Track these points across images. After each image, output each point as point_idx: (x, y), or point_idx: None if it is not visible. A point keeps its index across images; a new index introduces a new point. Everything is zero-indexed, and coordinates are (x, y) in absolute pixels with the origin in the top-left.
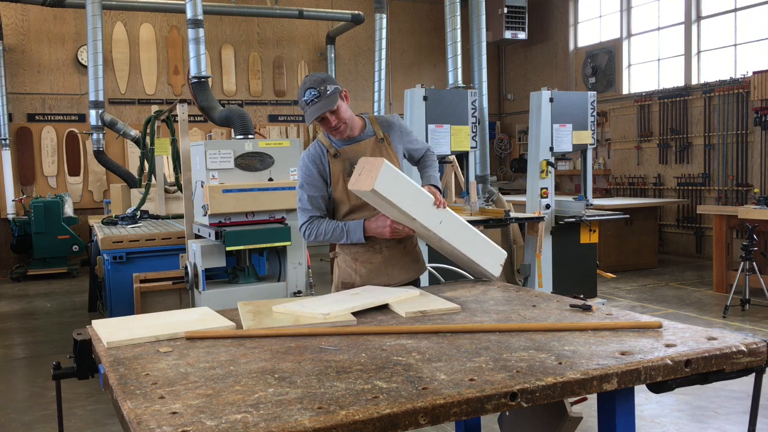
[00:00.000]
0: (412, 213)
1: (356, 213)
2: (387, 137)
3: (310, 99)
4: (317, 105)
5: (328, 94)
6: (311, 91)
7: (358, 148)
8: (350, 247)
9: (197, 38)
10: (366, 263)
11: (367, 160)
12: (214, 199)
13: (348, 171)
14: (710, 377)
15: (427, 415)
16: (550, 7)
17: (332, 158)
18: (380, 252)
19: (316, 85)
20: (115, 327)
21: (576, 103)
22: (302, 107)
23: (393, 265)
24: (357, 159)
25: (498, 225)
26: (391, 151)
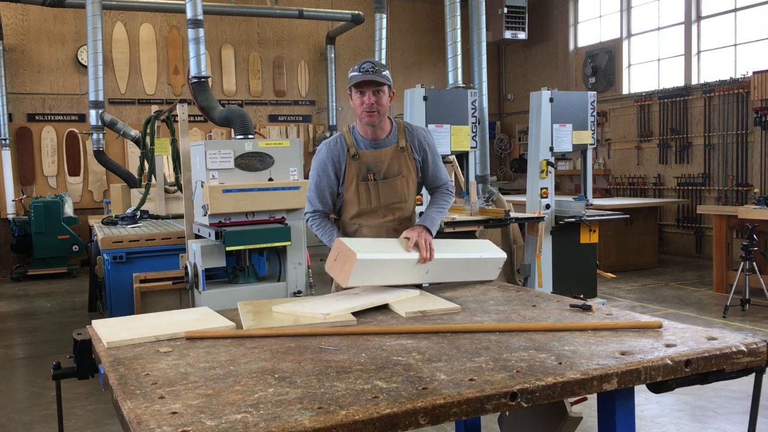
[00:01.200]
0: (395, 282)
1: (364, 216)
2: (408, 147)
3: (365, 68)
4: (371, 76)
5: (383, 75)
6: (370, 64)
7: (378, 154)
8: None
9: (197, 38)
10: None
11: (342, 247)
12: (214, 199)
13: (363, 176)
14: (710, 377)
15: (427, 415)
16: (550, 7)
17: (351, 159)
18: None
19: (375, 64)
20: (115, 327)
21: (576, 103)
22: (352, 77)
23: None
24: (375, 165)
25: (498, 225)
26: (410, 161)
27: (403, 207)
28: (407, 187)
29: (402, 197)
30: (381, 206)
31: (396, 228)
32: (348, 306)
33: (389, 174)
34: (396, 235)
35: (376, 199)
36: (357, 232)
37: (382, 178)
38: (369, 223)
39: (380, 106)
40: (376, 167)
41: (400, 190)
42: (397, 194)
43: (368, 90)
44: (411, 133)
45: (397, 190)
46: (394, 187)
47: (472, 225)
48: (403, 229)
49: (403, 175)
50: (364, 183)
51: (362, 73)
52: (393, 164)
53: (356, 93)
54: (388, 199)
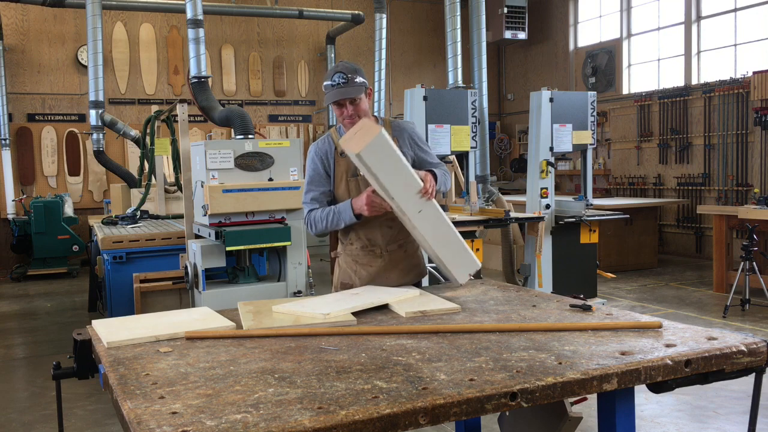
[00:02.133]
0: (392, 191)
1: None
2: (396, 141)
3: (336, 82)
4: (341, 90)
5: (356, 84)
6: (340, 75)
7: None
8: (351, 249)
9: (197, 38)
10: (366, 266)
11: (366, 124)
12: (214, 199)
13: (352, 172)
14: (710, 377)
15: (427, 415)
16: (550, 7)
17: (339, 156)
18: (381, 256)
19: (346, 72)
20: (115, 327)
21: (576, 103)
22: (325, 88)
23: (393, 269)
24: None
25: (498, 225)
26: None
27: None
28: None
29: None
30: None
31: (389, 225)
32: (348, 306)
33: None
34: (389, 232)
35: None
36: (350, 232)
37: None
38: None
39: (360, 113)
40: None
41: None
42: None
43: (345, 101)
44: (398, 128)
45: None
46: None
47: (472, 225)
48: (395, 227)
49: None
50: (353, 179)
51: (335, 87)
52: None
53: (334, 105)
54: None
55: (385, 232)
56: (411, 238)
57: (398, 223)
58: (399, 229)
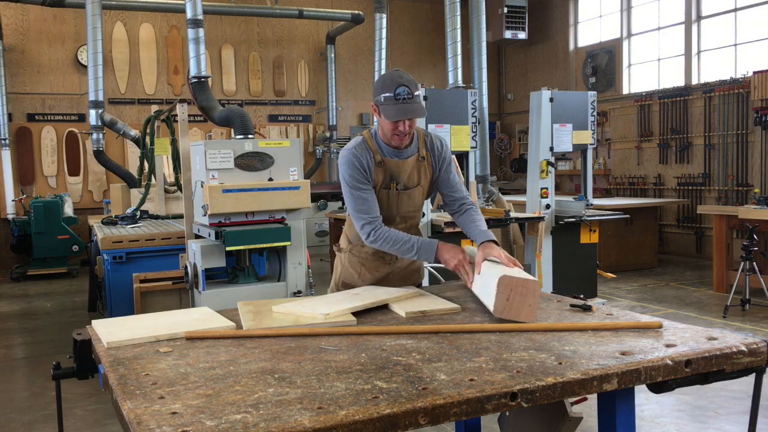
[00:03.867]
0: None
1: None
2: (428, 156)
3: (403, 96)
4: (408, 107)
5: (420, 100)
6: (405, 90)
7: (401, 164)
8: (360, 251)
9: (197, 38)
10: (373, 271)
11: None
12: (214, 199)
13: (385, 184)
14: (710, 377)
15: (427, 415)
16: (550, 7)
17: (376, 165)
18: (390, 263)
19: (410, 86)
20: (115, 327)
21: (576, 103)
22: (386, 100)
23: (396, 275)
24: (398, 175)
25: (498, 225)
26: (428, 170)
27: (416, 216)
28: (422, 196)
29: (418, 206)
30: (398, 214)
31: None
32: (348, 306)
33: (410, 184)
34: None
35: (395, 208)
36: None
37: (403, 188)
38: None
39: (413, 129)
40: (399, 177)
41: (417, 200)
42: (414, 204)
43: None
44: (431, 143)
45: (415, 200)
46: (413, 197)
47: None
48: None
49: (421, 185)
50: (385, 191)
51: (399, 101)
52: (413, 174)
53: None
54: (405, 208)
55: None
56: None
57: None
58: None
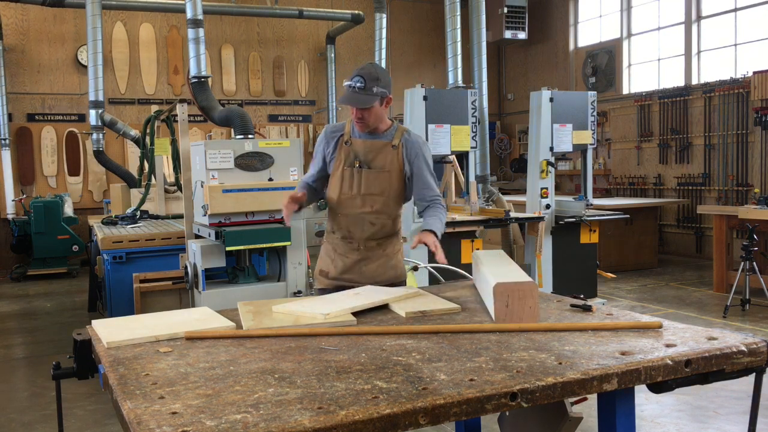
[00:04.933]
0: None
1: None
2: (401, 147)
3: (352, 85)
4: (354, 96)
5: (372, 93)
6: (359, 80)
7: (369, 144)
8: (332, 238)
9: (197, 38)
10: (343, 257)
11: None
12: (214, 199)
13: (350, 162)
14: (710, 377)
15: (427, 415)
16: (550, 7)
17: (343, 144)
18: (358, 249)
19: (367, 78)
20: (115, 327)
21: (576, 103)
22: (344, 86)
23: (369, 264)
24: (364, 154)
25: (498, 225)
26: (398, 161)
27: (381, 201)
28: (389, 183)
29: (382, 191)
30: (360, 194)
31: (373, 222)
32: (348, 306)
33: (374, 165)
34: (371, 228)
35: (357, 186)
36: (335, 220)
37: (367, 167)
38: (346, 211)
39: (368, 120)
40: (365, 156)
41: (382, 182)
42: (378, 186)
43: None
44: (408, 138)
45: (380, 182)
46: (378, 178)
47: (472, 225)
48: (380, 225)
49: (387, 170)
50: (349, 169)
51: (350, 89)
52: (380, 157)
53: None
54: (368, 188)
55: (366, 228)
56: (393, 240)
57: (381, 222)
58: (381, 227)
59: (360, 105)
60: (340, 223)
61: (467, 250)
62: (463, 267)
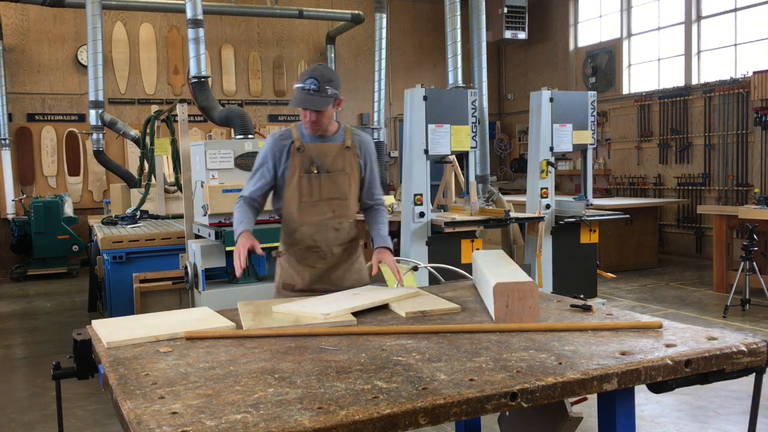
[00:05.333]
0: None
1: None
2: (354, 148)
3: (307, 87)
4: (308, 98)
5: (326, 95)
6: (313, 81)
7: (323, 148)
8: (296, 250)
9: (197, 38)
10: (310, 267)
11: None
12: (214, 199)
13: (306, 168)
14: (710, 377)
15: (427, 415)
16: (550, 7)
17: (296, 151)
18: (325, 258)
19: (320, 80)
20: (115, 327)
21: (576, 103)
22: (295, 90)
23: (336, 270)
24: (319, 159)
25: (498, 225)
26: (354, 162)
27: (343, 204)
28: (349, 185)
29: (343, 194)
30: (322, 199)
31: (336, 227)
32: (348, 306)
33: (333, 168)
34: (335, 234)
35: (318, 192)
36: (296, 231)
37: (325, 171)
38: (309, 220)
39: (321, 123)
40: (321, 160)
41: (341, 185)
42: (338, 190)
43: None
44: (358, 137)
45: (339, 186)
46: (336, 182)
47: (472, 225)
48: (343, 230)
49: (346, 173)
50: (306, 175)
51: (304, 91)
52: (337, 160)
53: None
54: (329, 193)
55: (331, 234)
56: (355, 244)
57: (344, 226)
58: (344, 232)
59: (316, 107)
60: (303, 233)
61: (467, 250)
62: (463, 267)
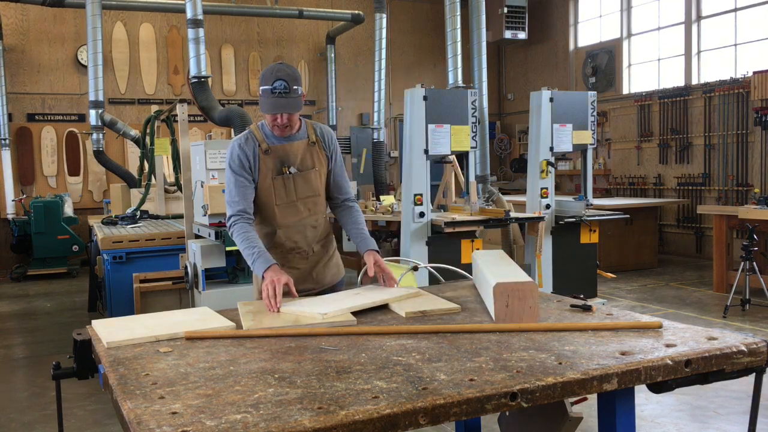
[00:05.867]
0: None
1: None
2: (319, 142)
3: (278, 90)
4: (283, 101)
5: (297, 95)
6: (282, 83)
7: (290, 147)
8: (278, 252)
9: (197, 38)
10: (293, 269)
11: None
12: (214, 199)
13: (278, 170)
14: (710, 377)
15: (427, 415)
16: (550, 7)
17: (263, 153)
18: (307, 258)
19: (288, 80)
20: (115, 327)
21: (576, 103)
22: (263, 93)
23: (315, 267)
24: (288, 159)
25: (498, 225)
26: (321, 155)
27: (316, 201)
28: (320, 181)
29: (315, 191)
30: (297, 199)
31: (314, 225)
32: (347, 306)
33: (303, 167)
34: (313, 232)
35: (293, 192)
36: (275, 234)
37: (297, 171)
38: (286, 222)
39: (292, 124)
40: (290, 160)
41: (314, 183)
42: (311, 188)
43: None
44: (321, 130)
45: (312, 183)
46: (309, 180)
47: (472, 225)
48: (320, 227)
49: (316, 169)
50: (279, 177)
51: (275, 95)
52: (306, 157)
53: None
54: (303, 192)
55: (310, 233)
56: (330, 239)
57: (320, 223)
58: (320, 228)
59: (290, 110)
60: (280, 236)
61: (467, 250)
62: (463, 267)
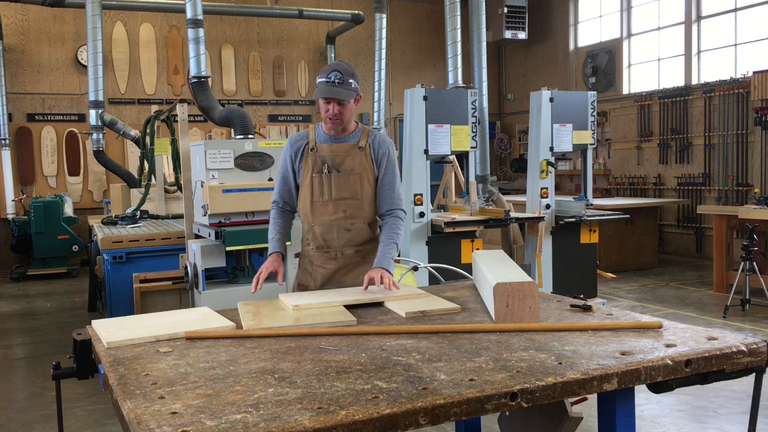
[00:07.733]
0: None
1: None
2: (368, 148)
3: (332, 79)
4: (334, 89)
5: (350, 88)
6: (337, 74)
7: (336, 148)
8: (308, 250)
9: (197, 38)
10: (320, 267)
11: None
12: (214, 199)
13: (318, 168)
14: (710, 377)
15: (427, 415)
16: (550, 7)
17: (309, 151)
18: (335, 258)
19: (344, 73)
20: (115, 327)
21: (576, 103)
22: (319, 83)
23: (348, 273)
24: (331, 159)
25: (498, 225)
26: (367, 162)
27: (354, 205)
28: (360, 185)
29: (354, 194)
30: (332, 200)
31: (348, 228)
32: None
33: (344, 169)
34: (346, 234)
35: (328, 192)
36: (309, 231)
37: (336, 171)
38: (320, 220)
39: (343, 116)
40: (333, 161)
41: (353, 185)
42: (349, 189)
43: (333, 100)
44: (376, 138)
45: (350, 185)
46: (347, 181)
47: (472, 225)
48: (355, 231)
49: (357, 172)
50: (318, 175)
51: (328, 83)
52: (349, 160)
53: (322, 100)
54: (339, 193)
55: (341, 235)
56: (370, 246)
57: (357, 227)
58: (357, 233)
59: (341, 96)
60: (314, 232)
61: (467, 250)
62: (463, 267)
